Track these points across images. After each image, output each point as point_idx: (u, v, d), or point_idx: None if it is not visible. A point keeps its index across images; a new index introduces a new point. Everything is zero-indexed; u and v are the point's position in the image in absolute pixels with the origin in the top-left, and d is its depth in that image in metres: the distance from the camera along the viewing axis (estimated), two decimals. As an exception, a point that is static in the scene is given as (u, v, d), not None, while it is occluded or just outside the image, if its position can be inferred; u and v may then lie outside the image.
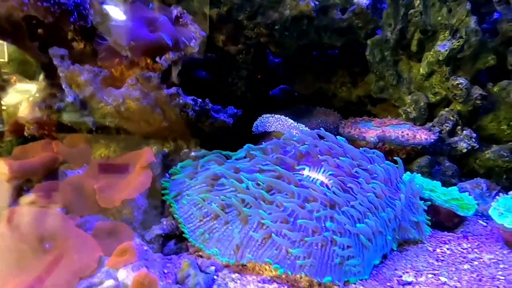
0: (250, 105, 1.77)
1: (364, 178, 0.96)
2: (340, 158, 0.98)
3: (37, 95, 1.03)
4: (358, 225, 0.86)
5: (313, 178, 0.95)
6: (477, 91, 1.49)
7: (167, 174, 1.09)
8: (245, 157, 1.08)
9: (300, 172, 0.98)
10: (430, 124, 1.56)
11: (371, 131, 1.48)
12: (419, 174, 1.36)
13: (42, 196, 0.85)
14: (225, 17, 1.39)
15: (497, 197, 1.21)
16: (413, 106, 1.61)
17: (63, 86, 0.97)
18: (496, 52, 1.53)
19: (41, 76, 1.06)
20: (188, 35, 1.05)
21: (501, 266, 0.95)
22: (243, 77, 1.73)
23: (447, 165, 1.49)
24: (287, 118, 1.39)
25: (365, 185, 0.94)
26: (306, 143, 1.02)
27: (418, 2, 1.51)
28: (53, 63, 0.95)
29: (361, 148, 1.12)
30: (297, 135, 1.06)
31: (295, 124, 1.39)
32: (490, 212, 1.09)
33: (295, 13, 1.44)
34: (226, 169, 0.97)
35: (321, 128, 1.11)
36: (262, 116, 1.45)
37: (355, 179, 0.96)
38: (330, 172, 0.96)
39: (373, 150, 1.13)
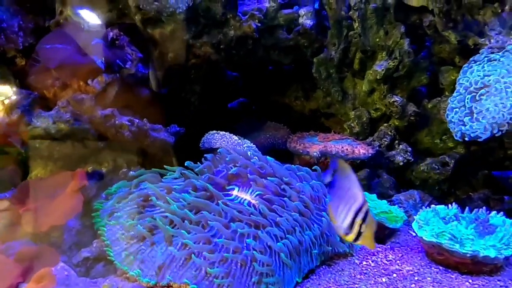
0: (205, 120, 1.81)
1: (291, 197, 1.01)
2: (269, 178, 1.03)
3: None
4: (279, 243, 0.91)
5: (242, 199, 1.00)
6: (411, 108, 1.59)
7: (103, 195, 1.10)
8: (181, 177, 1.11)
9: (230, 193, 1.02)
10: (371, 138, 1.65)
11: (315, 146, 1.55)
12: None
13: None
14: (169, 37, 1.42)
15: (422, 207, 1.29)
16: (356, 121, 1.70)
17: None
18: (432, 71, 1.64)
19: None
20: (124, 57, 1.07)
21: (416, 278, 1.02)
22: (197, 92, 1.77)
23: (385, 177, 1.58)
24: (231, 135, 1.43)
25: (291, 204, 0.99)
26: (237, 163, 1.06)
27: (357, 24, 1.60)
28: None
29: (294, 166, 1.18)
30: (229, 155, 1.10)
31: (240, 140, 1.43)
32: (412, 225, 1.16)
33: (239, 33, 1.49)
34: (158, 189, 0.99)
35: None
36: (208, 133, 1.48)
37: (282, 198, 1.01)
38: (257, 192, 1.00)
39: (305, 168, 1.19)
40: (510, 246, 1.04)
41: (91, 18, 1.19)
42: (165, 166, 1.10)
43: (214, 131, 1.47)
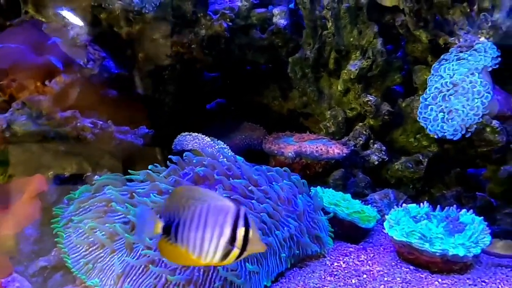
0: (180, 121, 1.77)
1: (258, 199, 0.99)
2: (236, 179, 1.00)
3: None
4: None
5: (208, 201, 0.97)
6: (385, 107, 1.59)
7: (65, 200, 1.06)
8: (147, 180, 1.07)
9: (196, 195, 0.99)
10: (347, 138, 1.65)
11: (290, 146, 1.54)
12: (331, 188, 1.42)
13: None
14: (137, 36, 1.38)
15: (395, 206, 1.29)
16: (332, 121, 1.69)
17: None
18: (407, 70, 1.65)
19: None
20: (85, 56, 1.03)
21: (385, 278, 1.01)
22: (171, 93, 1.73)
23: (361, 177, 1.58)
24: (204, 136, 1.41)
25: (258, 206, 0.97)
26: (204, 164, 1.04)
27: (330, 24, 1.59)
28: None
29: (265, 167, 1.16)
30: (196, 157, 1.08)
31: (212, 142, 1.40)
32: (384, 224, 1.16)
33: (211, 32, 1.47)
34: (119, 194, 0.95)
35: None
36: (180, 134, 1.45)
37: (250, 201, 0.99)
38: (224, 195, 0.98)
39: (276, 168, 1.17)
40: (478, 244, 1.04)
41: (54, 16, 1.14)
42: (129, 171, 1.06)
43: (186, 133, 1.44)
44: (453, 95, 1.22)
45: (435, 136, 1.26)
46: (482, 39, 1.28)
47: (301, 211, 1.06)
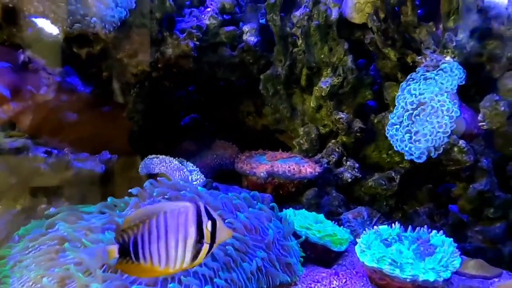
0: (151, 140, 1.71)
1: (224, 230, 0.94)
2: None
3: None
4: (207, 287, 0.84)
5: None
6: (357, 124, 1.59)
7: (15, 237, 0.98)
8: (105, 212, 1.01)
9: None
10: (320, 155, 1.63)
11: (262, 166, 1.51)
12: (304, 209, 1.39)
13: None
14: (99, 56, 1.32)
15: (375, 226, 1.26)
16: (305, 138, 1.67)
17: None
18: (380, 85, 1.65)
19: None
20: (37, 82, 0.97)
21: (356, 306, 0.98)
22: (140, 111, 1.67)
23: (334, 195, 1.56)
24: (172, 159, 1.36)
25: (223, 238, 0.93)
26: (166, 196, 0.99)
27: (301, 41, 1.58)
28: None
29: (231, 194, 1.12)
30: (156, 188, 1.02)
31: (180, 164, 1.35)
32: (356, 248, 1.14)
33: (178, 52, 1.42)
34: (73, 232, 0.89)
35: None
36: (147, 157, 1.40)
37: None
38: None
39: (244, 194, 1.13)
40: (448, 268, 1.03)
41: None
42: (83, 206, 1.00)
43: (153, 156, 1.38)
44: (420, 115, 1.22)
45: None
46: (448, 58, 1.29)
47: (270, 240, 1.03)
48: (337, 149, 1.60)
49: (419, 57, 1.36)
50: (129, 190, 1.02)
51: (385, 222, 1.49)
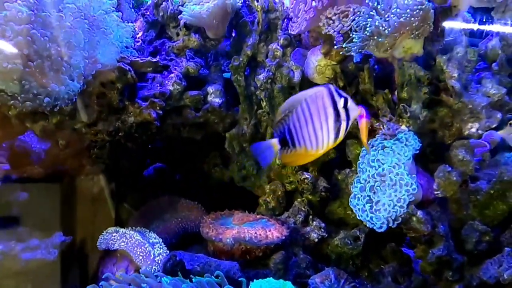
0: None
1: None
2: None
3: None
4: None
5: None
6: (322, 183, 1.61)
7: None
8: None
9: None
10: (287, 214, 1.63)
11: (228, 231, 1.48)
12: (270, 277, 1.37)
13: None
14: (55, 129, 1.26)
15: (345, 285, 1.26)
16: (271, 195, 1.67)
17: None
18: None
19: None
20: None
21: None
22: (100, 171, 1.61)
23: (302, 256, 1.55)
24: (132, 233, 1.30)
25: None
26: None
27: (265, 103, 1.60)
28: None
29: (196, 280, 1.08)
30: (114, 285, 0.97)
31: (142, 238, 1.30)
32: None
33: (140, 119, 1.39)
34: None
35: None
36: (106, 231, 1.33)
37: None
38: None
39: (207, 280, 1.10)
40: None
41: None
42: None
43: (113, 229, 1.32)
44: (380, 186, 1.26)
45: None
46: (403, 127, 1.35)
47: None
48: (303, 208, 1.61)
49: (377, 124, 1.42)
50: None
51: (352, 282, 1.50)
